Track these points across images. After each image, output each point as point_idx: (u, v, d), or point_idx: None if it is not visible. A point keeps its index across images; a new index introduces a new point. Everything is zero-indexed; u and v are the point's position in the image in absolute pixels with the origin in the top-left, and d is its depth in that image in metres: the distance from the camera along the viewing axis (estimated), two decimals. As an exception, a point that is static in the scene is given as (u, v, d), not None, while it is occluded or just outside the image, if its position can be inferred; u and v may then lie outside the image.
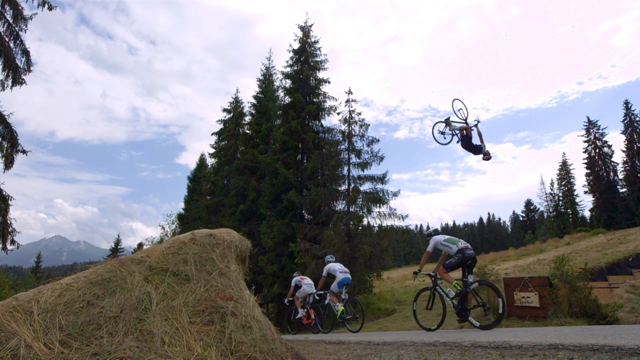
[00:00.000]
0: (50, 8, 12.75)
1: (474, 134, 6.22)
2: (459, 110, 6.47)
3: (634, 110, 39.10)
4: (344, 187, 18.51)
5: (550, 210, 47.35)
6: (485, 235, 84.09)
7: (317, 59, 21.29)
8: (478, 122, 6.27)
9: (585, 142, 41.65)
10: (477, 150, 6.13)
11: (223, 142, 27.05)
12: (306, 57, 21.06)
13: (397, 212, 17.58)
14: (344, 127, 18.70)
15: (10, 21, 12.45)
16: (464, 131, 6.29)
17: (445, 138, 6.40)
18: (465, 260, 5.33)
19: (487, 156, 6.11)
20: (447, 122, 6.39)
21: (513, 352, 2.67)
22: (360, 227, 17.62)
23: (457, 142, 6.29)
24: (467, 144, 6.18)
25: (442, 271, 5.59)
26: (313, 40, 21.45)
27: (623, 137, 39.47)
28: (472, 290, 5.50)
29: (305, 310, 9.02)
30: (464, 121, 6.41)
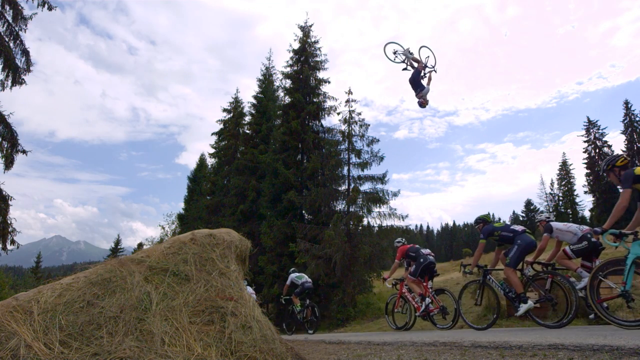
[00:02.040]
0: (50, 8, 12.75)
1: (426, 79, 6.30)
2: (426, 57, 6.53)
3: (634, 110, 39.12)
4: (344, 187, 18.52)
5: (550, 210, 47.35)
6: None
7: (317, 59, 21.29)
8: (434, 70, 6.38)
9: (585, 142, 41.65)
10: (418, 88, 6.15)
11: (223, 142, 27.05)
12: (306, 57, 21.05)
13: (397, 212, 17.57)
14: (344, 127, 18.70)
15: (10, 21, 12.46)
16: (416, 64, 6.34)
17: (396, 58, 6.43)
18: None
19: (422, 101, 6.10)
20: (407, 50, 6.44)
21: (513, 352, 2.67)
22: (360, 227, 17.62)
23: (403, 69, 6.36)
24: (414, 79, 6.21)
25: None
26: (313, 40, 21.45)
27: (623, 137, 39.50)
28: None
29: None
30: (423, 62, 6.44)
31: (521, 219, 62.42)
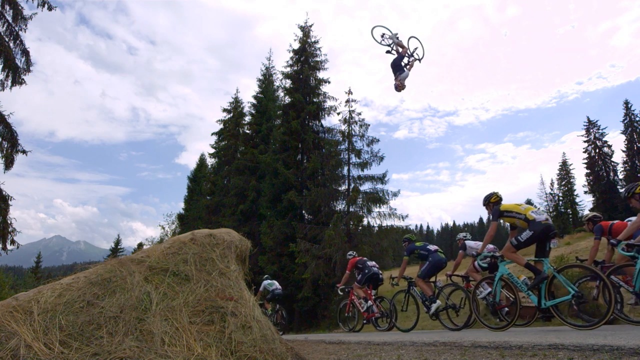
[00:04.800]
0: (50, 8, 12.75)
1: (410, 67, 6.40)
2: (415, 49, 6.61)
3: (634, 110, 39.09)
4: (344, 187, 18.52)
5: (550, 210, 47.32)
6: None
7: (317, 59, 21.31)
8: (419, 60, 6.53)
9: (585, 142, 41.62)
10: (398, 72, 6.24)
11: (223, 142, 27.06)
12: (306, 57, 21.06)
13: (397, 212, 17.62)
14: (344, 127, 18.72)
15: (10, 21, 12.46)
16: (400, 50, 6.44)
17: (382, 41, 6.53)
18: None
19: (399, 84, 6.19)
20: (394, 35, 6.53)
21: (513, 352, 2.67)
22: (360, 227, 17.63)
23: (387, 52, 6.45)
24: (396, 63, 6.31)
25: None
26: (313, 40, 21.47)
27: (623, 137, 39.47)
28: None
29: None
30: (409, 51, 6.52)
31: (521, 219, 62.23)
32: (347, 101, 18.83)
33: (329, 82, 20.88)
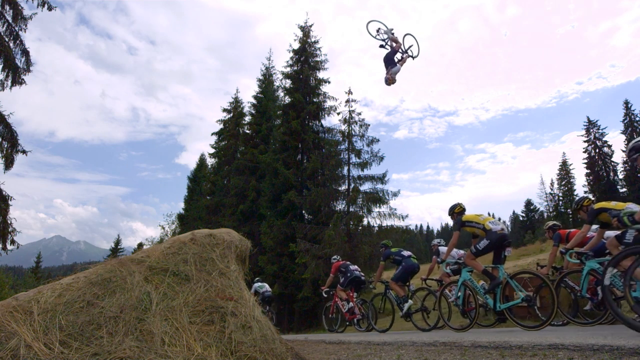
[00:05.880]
0: (50, 8, 12.75)
1: (402, 63, 6.44)
2: (410, 46, 6.66)
3: (634, 110, 39.09)
4: (344, 187, 18.52)
5: (550, 210, 47.35)
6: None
7: (317, 59, 21.31)
8: (412, 57, 6.57)
9: (585, 142, 41.62)
10: (390, 66, 6.29)
11: (223, 142, 27.06)
12: (306, 57, 21.06)
13: (397, 212, 17.62)
14: (344, 127, 18.72)
15: (10, 21, 12.46)
16: (394, 45, 6.50)
17: (377, 35, 6.59)
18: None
19: (390, 77, 6.24)
20: (390, 30, 6.59)
21: (513, 352, 2.67)
22: (360, 227, 17.62)
23: (380, 46, 6.51)
24: (389, 57, 6.38)
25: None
26: (313, 40, 21.47)
27: (623, 137, 39.45)
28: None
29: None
30: (403, 47, 6.56)
31: (521, 218, 62.42)
32: (347, 101, 18.84)
33: (329, 82, 20.90)
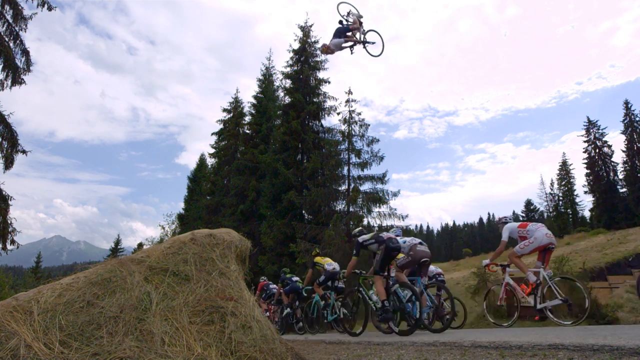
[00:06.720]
0: (49, 8, 12.75)
1: (348, 41, 6.49)
2: (367, 41, 6.64)
3: (633, 110, 39.14)
4: (344, 187, 18.51)
5: (550, 210, 47.36)
6: (485, 235, 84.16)
7: (317, 59, 21.29)
8: (366, 48, 6.56)
9: (585, 142, 41.68)
10: (335, 37, 6.39)
11: (223, 142, 27.05)
12: (306, 57, 21.06)
13: (397, 212, 17.59)
14: (344, 127, 18.71)
15: (10, 21, 12.46)
16: (353, 25, 6.55)
17: (345, 21, 6.61)
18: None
19: (328, 46, 6.40)
20: (359, 15, 6.63)
21: (513, 352, 2.67)
22: (360, 227, 17.61)
23: (340, 22, 6.56)
24: (340, 30, 6.45)
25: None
26: (313, 40, 21.47)
27: (623, 137, 39.49)
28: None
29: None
30: (360, 34, 6.58)
31: (521, 219, 62.39)
32: (347, 101, 18.83)
33: (329, 82, 20.89)
